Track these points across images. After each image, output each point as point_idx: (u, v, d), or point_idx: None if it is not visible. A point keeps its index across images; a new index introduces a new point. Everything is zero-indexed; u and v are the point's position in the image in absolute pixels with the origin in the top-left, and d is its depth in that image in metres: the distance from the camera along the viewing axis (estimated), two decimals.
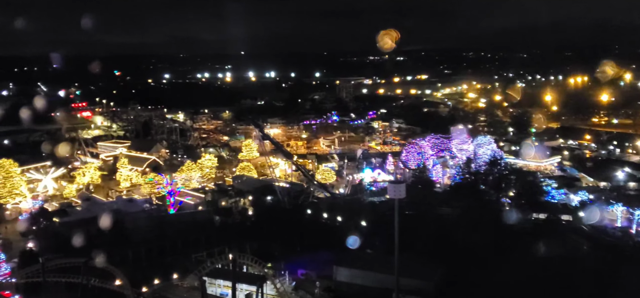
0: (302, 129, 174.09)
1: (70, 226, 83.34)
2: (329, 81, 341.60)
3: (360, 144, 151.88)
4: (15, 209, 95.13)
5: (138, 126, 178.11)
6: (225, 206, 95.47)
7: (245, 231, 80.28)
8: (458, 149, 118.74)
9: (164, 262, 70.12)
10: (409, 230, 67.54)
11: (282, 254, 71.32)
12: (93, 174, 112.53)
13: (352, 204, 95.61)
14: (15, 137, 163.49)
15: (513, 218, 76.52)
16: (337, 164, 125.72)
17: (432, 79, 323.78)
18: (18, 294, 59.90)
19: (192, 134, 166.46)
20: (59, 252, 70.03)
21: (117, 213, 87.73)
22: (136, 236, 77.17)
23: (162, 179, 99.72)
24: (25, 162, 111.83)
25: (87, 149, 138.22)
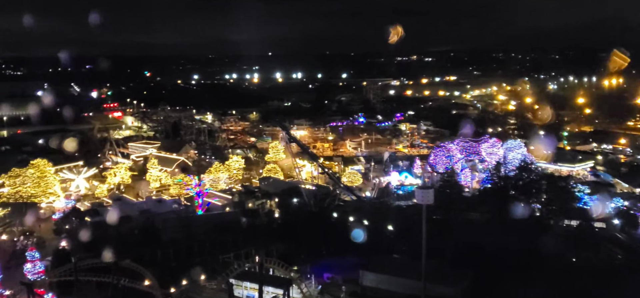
0: (329, 131, 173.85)
1: (101, 225, 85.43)
2: (355, 82, 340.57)
3: (387, 147, 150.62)
4: (49, 208, 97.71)
5: (167, 127, 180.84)
6: (252, 208, 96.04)
7: (272, 234, 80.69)
8: (487, 153, 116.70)
9: (192, 262, 70.80)
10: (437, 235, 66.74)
11: (307, 257, 71.35)
12: (124, 174, 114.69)
13: (379, 208, 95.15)
14: (49, 136, 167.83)
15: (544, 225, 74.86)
16: (363, 167, 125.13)
17: (461, 81, 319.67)
18: (51, 292, 61.40)
19: (220, 135, 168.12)
20: (91, 251, 71.77)
21: (146, 213, 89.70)
22: (165, 237, 78.28)
23: (191, 180, 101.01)
24: (58, 162, 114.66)
25: (118, 150, 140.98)
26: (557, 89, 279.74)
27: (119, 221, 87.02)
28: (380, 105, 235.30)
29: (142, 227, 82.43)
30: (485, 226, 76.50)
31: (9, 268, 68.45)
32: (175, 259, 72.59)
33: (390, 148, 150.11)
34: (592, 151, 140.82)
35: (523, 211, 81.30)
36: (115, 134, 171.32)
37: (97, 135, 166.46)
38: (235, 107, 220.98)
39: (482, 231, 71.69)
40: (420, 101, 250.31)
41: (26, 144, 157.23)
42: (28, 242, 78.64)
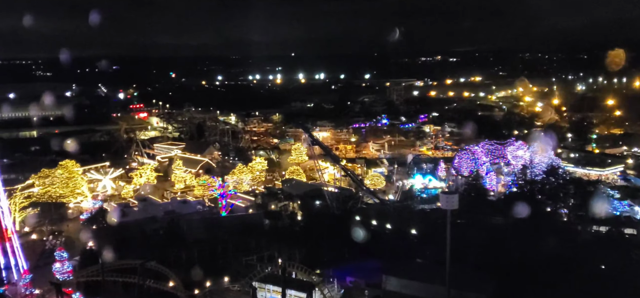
0: (351, 132, 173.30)
1: (127, 225, 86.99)
2: (379, 83, 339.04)
3: (410, 149, 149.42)
4: (77, 208, 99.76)
5: (192, 128, 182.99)
6: (275, 210, 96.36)
7: (294, 236, 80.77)
8: (513, 156, 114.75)
9: (216, 264, 71.39)
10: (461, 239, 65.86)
11: (330, 260, 71.17)
12: (149, 175, 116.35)
13: (402, 211, 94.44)
14: (77, 137, 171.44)
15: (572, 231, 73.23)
16: (386, 169, 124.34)
17: (486, 81, 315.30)
18: (79, 292, 62.61)
19: (243, 137, 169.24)
20: (117, 251, 73.02)
21: (171, 214, 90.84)
22: (189, 238, 79.07)
23: (214, 181, 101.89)
24: (86, 162, 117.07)
25: (144, 150, 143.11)
26: (586, 90, 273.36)
27: (144, 221, 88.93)
28: (404, 106, 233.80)
29: (167, 228, 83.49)
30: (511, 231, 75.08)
31: (39, 267, 70.07)
32: (199, 260, 73.15)
33: (413, 150, 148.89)
34: (622, 154, 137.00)
35: (550, 216, 79.93)
36: (141, 135, 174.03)
37: (123, 136, 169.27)
38: (258, 109, 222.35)
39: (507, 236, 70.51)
40: (444, 102, 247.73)
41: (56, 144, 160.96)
42: (57, 242, 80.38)
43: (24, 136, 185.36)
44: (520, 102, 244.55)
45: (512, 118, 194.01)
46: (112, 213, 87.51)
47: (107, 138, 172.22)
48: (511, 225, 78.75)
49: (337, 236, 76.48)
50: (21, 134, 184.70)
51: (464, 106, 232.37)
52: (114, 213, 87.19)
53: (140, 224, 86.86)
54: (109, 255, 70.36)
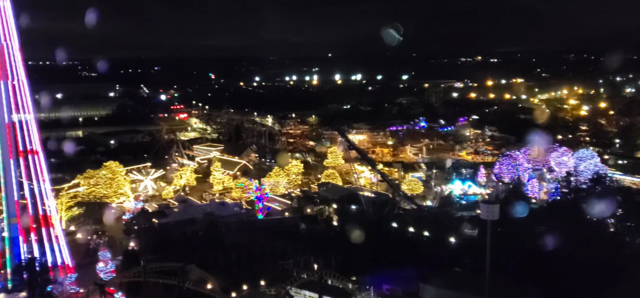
0: (388, 135, 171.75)
1: (168, 227, 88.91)
2: (417, 84, 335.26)
3: (449, 153, 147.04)
4: (119, 208, 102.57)
5: (230, 130, 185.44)
6: (311, 214, 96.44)
7: (330, 241, 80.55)
8: (556, 162, 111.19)
9: (253, 267, 72.02)
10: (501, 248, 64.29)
11: (366, 267, 70.62)
12: (189, 176, 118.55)
13: (440, 218, 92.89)
14: (120, 137, 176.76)
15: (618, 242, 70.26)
16: (424, 174, 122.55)
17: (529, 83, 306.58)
18: (121, 292, 64.32)
19: (280, 139, 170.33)
20: (158, 252, 74.73)
21: (210, 216, 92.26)
22: (227, 240, 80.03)
23: (251, 184, 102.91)
24: (128, 162, 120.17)
25: (184, 152, 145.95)
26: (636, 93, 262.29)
27: (184, 222, 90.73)
28: (443, 108, 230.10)
29: (206, 230, 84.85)
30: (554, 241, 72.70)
31: (83, 266, 72.30)
32: (236, 263, 74.01)
33: (453, 154, 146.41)
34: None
35: (596, 226, 76.86)
36: (181, 136, 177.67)
37: (164, 137, 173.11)
38: (294, 110, 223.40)
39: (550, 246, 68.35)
40: (484, 105, 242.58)
41: (100, 144, 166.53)
42: (100, 241, 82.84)
43: (71, 135, 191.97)
44: (564, 106, 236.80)
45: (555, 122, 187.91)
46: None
47: (148, 138, 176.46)
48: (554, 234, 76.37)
49: (374, 243, 75.95)
50: (68, 134, 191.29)
51: (505, 109, 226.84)
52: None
53: (180, 225, 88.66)
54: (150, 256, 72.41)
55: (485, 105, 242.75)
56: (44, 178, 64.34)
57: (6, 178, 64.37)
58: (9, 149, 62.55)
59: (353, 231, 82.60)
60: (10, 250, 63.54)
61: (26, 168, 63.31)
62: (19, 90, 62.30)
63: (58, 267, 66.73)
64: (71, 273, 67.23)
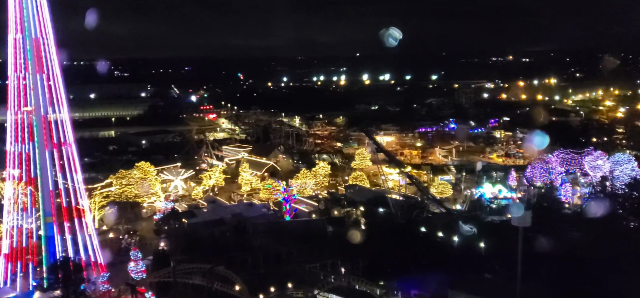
0: (417, 137, 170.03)
1: (197, 227, 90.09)
2: (446, 85, 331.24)
3: (480, 156, 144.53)
4: (150, 208, 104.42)
5: (258, 130, 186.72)
6: (338, 216, 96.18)
7: (357, 244, 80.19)
8: (591, 166, 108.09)
9: (280, 269, 72.27)
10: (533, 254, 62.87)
11: (394, 271, 70.04)
12: (218, 177, 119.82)
13: (470, 222, 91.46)
14: (151, 138, 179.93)
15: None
16: (453, 177, 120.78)
17: (562, 84, 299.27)
18: (151, 291, 65.41)
19: (307, 140, 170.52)
20: (187, 253, 75.80)
21: (238, 217, 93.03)
22: (255, 242, 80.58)
23: (279, 186, 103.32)
24: (159, 162, 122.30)
25: (213, 152, 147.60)
26: None
27: (212, 223, 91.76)
28: (473, 110, 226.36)
29: (234, 230, 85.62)
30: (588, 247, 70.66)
31: (115, 265, 73.81)
32: (264, 265, 74.42)
33: (483, 157, 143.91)
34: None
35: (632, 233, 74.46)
36: (210, 136, 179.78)
37: (194, 137, 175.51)
38: (322, 111, 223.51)
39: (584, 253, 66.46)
40: (516, 106, 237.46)
41: (131, 144, 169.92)
42: (132, 241, 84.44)
43: (103, 135, 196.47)
44: (599, 107, 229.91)
45: (590, 124, 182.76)
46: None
47: (179, 139, 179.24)
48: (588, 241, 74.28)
49: (402, 247, 75.29)
50: (101, 134, 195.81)
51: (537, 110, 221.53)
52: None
53: (209, 226, 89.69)
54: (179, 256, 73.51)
55: (516, 106, 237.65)
56: (76, 170, 66.10)
57: (42, 178, 66.17)
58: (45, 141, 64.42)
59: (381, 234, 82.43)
60: (45, 248, 65.25)
61: (60, 159, 64.84)
62: (54, 83, 64.22)
63: (91, 265, 68.28)
64: (103, 272, 68.69)
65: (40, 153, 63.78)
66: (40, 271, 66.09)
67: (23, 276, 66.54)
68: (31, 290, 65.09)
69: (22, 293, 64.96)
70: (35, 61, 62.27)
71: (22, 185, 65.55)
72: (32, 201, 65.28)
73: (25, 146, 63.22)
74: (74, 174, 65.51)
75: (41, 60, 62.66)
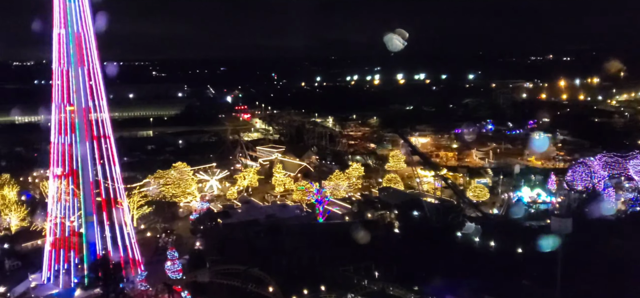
0: (453, 138, 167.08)
1: (231, 227, 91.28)
2: (484, 84, 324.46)
3: (518, 158, 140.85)
4: (186, 207, 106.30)
5: (291, 131, 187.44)
6: (372, 219, 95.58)
7: (391, 248, 79.56)
8: (636, 170, 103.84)
9: (313, 271, 72.34)
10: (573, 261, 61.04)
11: (428, 276, 69.13)
12: (252, 178, 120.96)
13: (507, 227, 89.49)
14: (188, 138, 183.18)
15: None
16: (490, 180, 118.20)
17: (605, 84, 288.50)
18: (187, 291, 66.60)
19: (341, 141, 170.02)
20: (222, 253, 76.87)
21: (272, 218, 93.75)
22: (289, 243, 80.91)
23: (312, 187, 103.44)
24: (195, 162, 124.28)
25: (247, 152, 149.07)
26: None
27: (247, 223, 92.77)
28: (511, 110, 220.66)
29: (268, 231, 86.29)
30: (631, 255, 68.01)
31: (152, 263, 75.47)
32: (297, 267, 74.64)
33: (521, 159, 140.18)
34: None
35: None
36: (244, 136, 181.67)
37: (229, 137, 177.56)
38: (355, 111, 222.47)
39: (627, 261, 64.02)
40: (556, 107, 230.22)
41: (169, 144, 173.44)
42: (169, 240, 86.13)
43: (142, 135, 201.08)
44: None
45: (635, 126, 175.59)
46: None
47: (214, 139, 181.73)
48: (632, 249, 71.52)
49: (437, 251, 74.26)
50: (139, 133, 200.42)
51: (578, 111, 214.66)
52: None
53: (243, 226, 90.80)
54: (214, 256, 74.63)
55: (556, 107, 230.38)
56: (114, 163, 68.28)
57: (84, 178, 68.29)
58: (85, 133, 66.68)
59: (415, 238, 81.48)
60: (86, 247, 67.31)
61: (99, 150, 67.09)
62: (93, 76, 66.65)
63: (129, 264, 70.04)
64: (141, 271, 70.36)
65: (82, 145, 66.29)
66: (81, 268, 68.23)
67: (65, 272, 68.83)
68: (73, 287, 67.23)
69: (65, 290, 67.15)
70: (77, 55, 65.19)
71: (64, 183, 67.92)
72: (74, 194, 67.24)
73: (68, 138, 65.89)
74: (113, 166, 67.94)
75: (82, 54, 65.54)
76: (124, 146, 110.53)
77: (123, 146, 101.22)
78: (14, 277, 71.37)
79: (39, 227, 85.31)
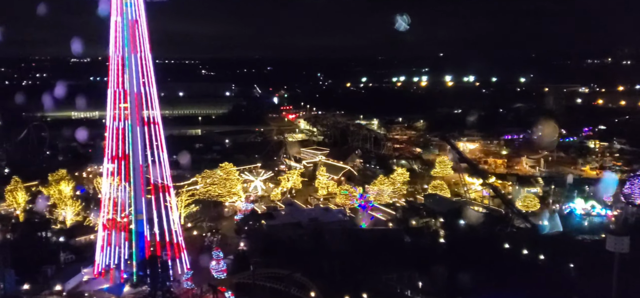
0: (503, 144, 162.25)
1: (275, 229, 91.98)
2: (536, 88, 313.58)
3: (571, 168, 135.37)
4: (232, 207, 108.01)
5: (336, 133, 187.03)
6: (416, 227, 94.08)
7: (436, 257, 77.95)
8: None
9: (355, 279, 71.84)
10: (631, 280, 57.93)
11: (474, 289, 67.38)
12: (296, 179, 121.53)
13: (558, 240, 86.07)
14: (234, 137, 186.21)
15: None
16: (541, 189, 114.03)
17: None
18: (231, 291, 67.58)
19: (386, 144, 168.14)
20: (266, 254, 77.56)
21: (315, 222, 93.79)
22: (331, 248, 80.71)
23: (356, 192, 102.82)
24: (241, 162, 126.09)
25: (292, 154, 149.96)
26: None
27: (290, 226, 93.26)
28: (565, 116, 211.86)
29: (311, 235, 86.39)
30: None
31: (197, 263, 77.01)
32: (339, 272, 74.31)
33: (574, 169, 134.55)
34: None
35: None
36: (289, 137, 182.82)
37: (274, 138, 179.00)
38: (401, 114, 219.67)
39: None
40: (614, 114, 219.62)
41: (216, 143, 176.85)
42: (214, 239, 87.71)
43: (191, 133, 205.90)
44: None
45: None
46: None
47: (260, 139, 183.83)
48: None
49: (483, 262, 72.31)
50: (188, 132, 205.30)
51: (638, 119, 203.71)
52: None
53: (287, 228, 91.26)
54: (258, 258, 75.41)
55: (614, 114, 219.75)
56: (163, 149, 70.74)
57: (135, 177, 70.58)
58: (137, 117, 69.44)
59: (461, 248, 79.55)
60: (136, 244, 69.51)
61: (149, 136, 69.73)
62: (144, 64, 69.55)
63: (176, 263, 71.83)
64: (187, 269, 71.96)
65: (133, 129, 69.20)
66: (130, 264, 70.52)
67: (116, 268, 71.33)
68: (122, 283, 69.53)
69: (115, 285, 69.56)
70: (131, 42, 68.41)
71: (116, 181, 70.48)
72: (126, 176, 69.79)
73: (121, 123, 69.44)
74: (161, 152, 70.58)
75: (136, 41, 68.47)
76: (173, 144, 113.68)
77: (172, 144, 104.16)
78: (68, 270, 74.48)
79: (92, 222, 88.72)
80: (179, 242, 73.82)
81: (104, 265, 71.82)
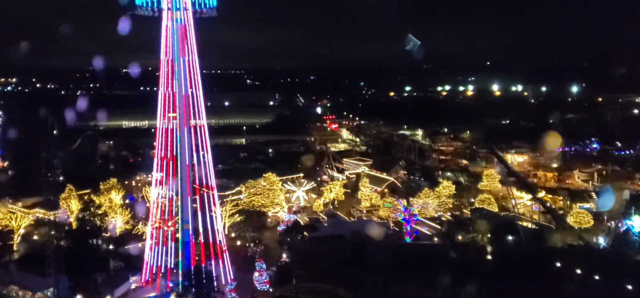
0: (553, 157, 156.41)
1: (317, 241, 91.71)
2: (589, 98, 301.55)
3: (627, 182, 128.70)
4: (274, 218, 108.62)
5: (379, 143, 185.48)
6: (462, 242, 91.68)
7: (483, 275, 75.54)
8: None
9: (398, 294, 70.56)
10: None
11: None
12: (338, 191, 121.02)
13: (614, 259, 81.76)
14: (277, 146, 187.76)
15: None
16: (595, 205, 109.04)
17: None
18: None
19: (431, 156, 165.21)
20: (308, 267, 77.30)
21: (358, 235, 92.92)
22: (374, 262, 79.58)
23: (399, 205, 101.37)
24: (284, 172, 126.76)
25: (334, 164, 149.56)
26: None
27: (332, 238, 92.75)
28: (620, 128, 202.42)
29: (354, 248, 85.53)
30: None
31: (240, 273, 77.73)
32: (382, 288, 73.15)
33: (631, 184, 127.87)
34: None
35: None
36: (332, 147, 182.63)
37: (316, 148, 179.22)
38: (446, 124, 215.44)
39: None
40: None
41: (260, 152, 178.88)
42: (257, 250, 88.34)
43: (235, 143, 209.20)
44: None
45: None
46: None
47: (302, 148, 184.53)
48: None
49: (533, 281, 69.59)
50: (233, 141, 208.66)
51: None
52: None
53: (329, 241, 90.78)
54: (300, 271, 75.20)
55: None
56: (207, 150, 72.33)
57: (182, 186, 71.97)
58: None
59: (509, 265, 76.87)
60: (182, 254, 70.76)
61: (195, 137, 71.24)
62: (191, 66, 71.24)
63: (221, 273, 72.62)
64: (231, 280, 72.63)
65: (181, 130, 70.84)
66: (176, 274, 71.83)
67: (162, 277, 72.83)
68: (168, 292, 70.88)
69: (161, 294, 71.02)
70: (180, 45, 70.27)
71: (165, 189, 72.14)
72: (173, 174, 71.25)
73: (170, 124, 71.33)
74: (206, 153, 72.09)
75: (184, 44, 70.41)
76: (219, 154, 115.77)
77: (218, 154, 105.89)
78: (117, 278, 76.72)
79: (141, 231, 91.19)
80: (223, 252, 74.66)
81: (151, 273, 73.45)
